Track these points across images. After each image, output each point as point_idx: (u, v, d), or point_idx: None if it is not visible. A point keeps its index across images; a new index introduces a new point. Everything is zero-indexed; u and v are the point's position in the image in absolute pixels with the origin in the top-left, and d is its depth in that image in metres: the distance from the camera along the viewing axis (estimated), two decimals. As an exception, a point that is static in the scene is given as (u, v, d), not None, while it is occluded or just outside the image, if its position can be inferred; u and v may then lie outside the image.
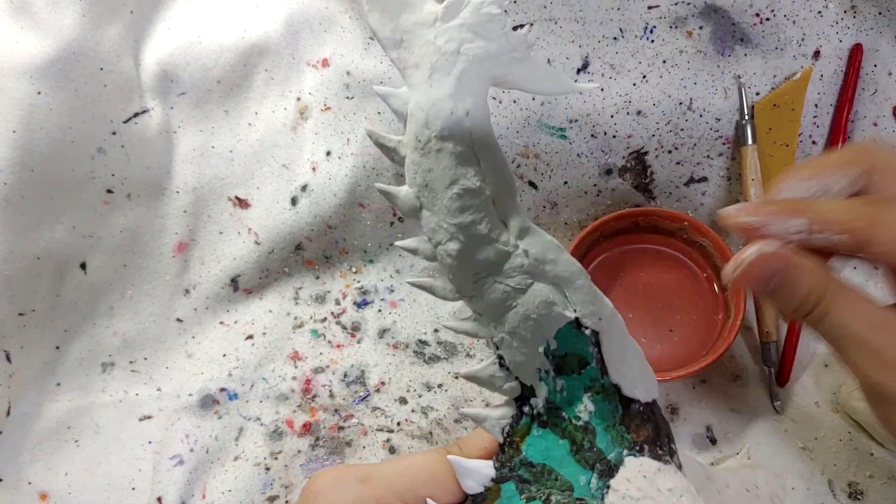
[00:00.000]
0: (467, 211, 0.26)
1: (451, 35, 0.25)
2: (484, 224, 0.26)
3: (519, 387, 0.29)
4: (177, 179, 0.52)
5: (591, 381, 0.28)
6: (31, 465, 0.47)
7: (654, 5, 0.49)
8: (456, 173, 0.26)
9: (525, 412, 0.29)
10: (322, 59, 0.52)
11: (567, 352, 0.28)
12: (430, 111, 0.26)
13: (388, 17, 0.26)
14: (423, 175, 0.27)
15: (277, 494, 0.46)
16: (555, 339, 0.27)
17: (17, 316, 0.47)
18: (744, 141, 0.48)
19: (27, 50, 0.44)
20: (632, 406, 0.28)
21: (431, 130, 0.26)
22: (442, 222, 0.27)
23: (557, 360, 0.28)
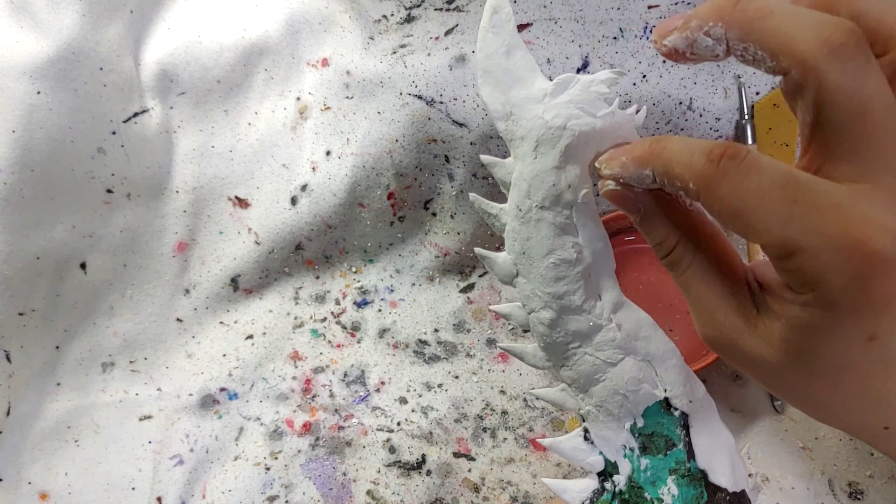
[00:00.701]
0: (562, 281, 0.27)
1: (558, 111, 0.26)
2: (578, 295, 0.27)
3: (602, 461, 0.29)
4: (177, 179, 0.52)
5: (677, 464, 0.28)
6: (31, 465, 0.47)
7: (654, 5, 0.49)
8: (554, 243, 0.27)
9: (607, 488, 0.29)
10: (322, 58, 0.52)
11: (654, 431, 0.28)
12: (532, 182, 0.27)
13: (500, 90, 0.27)
14: (521, 243, 0.28)
15: (277, 494, 0.46)
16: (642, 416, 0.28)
17: (17, 316, 0.47)
18: (744, 141, 0.48)
19: (27, 50, 0.44)
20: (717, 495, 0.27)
21: (533, 200, 0.27)
22: (537, 290, 0.28)
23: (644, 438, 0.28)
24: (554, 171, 0.26)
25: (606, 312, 0.28)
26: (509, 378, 0.49)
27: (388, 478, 0.46)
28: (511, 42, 0.27)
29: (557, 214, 0.27)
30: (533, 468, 0.46)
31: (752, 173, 0.20)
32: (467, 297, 0.52)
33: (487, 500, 0.45)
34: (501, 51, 0.27)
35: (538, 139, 0.26)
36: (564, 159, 0.26)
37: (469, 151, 0.49)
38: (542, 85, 0.27)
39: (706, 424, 0.28)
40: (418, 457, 0.47)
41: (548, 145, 0.26)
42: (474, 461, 0.46)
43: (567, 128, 0.26)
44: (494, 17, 0.27)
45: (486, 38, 0.27)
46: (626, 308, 0.28)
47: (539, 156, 0.27)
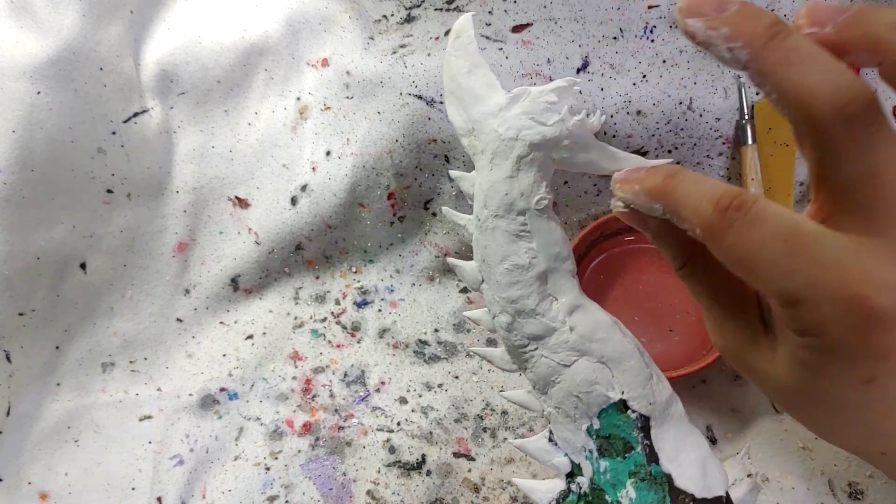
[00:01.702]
0: (516, 285, 0.28)
1: (511, 123, 0.27)
2: (532, 298, 0.28)
3: (569, 463, 0.29)
4: (177, 179, 0.52)
5: (636, 467, 0.28)
6: (31, 465, 0.47)
7: (654, 5, 0.49)
8: (507, 249, 0.28)
9: (572, 489, 0.29)
10: (322, 58, 0.52)
11: (611, 433, 0.28)
12: (488, 192, 0.28)
13: (463, 108, 0.29)
14: (481, 251, 0.29)
15: (277, 494, 0.46)
16: (598, 418, 0.28)
17: (17, 316, 0.47)
18: (744, 141, 0.48)
19: (27, 50, 0.44)
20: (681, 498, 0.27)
21: (489, 210, 0.28)
22: (496, 295, 0.29)
23: (601, 440, 0.28)
24: (507, 181, 0.27)
25: (561, 315, 0.28)
26: (509, 378, 0.49)
27: (388, 478, 0.46)
28: (473, 62, 0.29)
29: (511, 222, 0.28)
30: (533, 468, 0.46)
31: (757, 225, 0.21)
32: (467, 297, 0.52)
33: (487, 500, 0.45)
34: (463, 71, 0.29)
35: (493, 151, 0.28)
36: (516, 168, 0.27)
37: (469, 151, 0.49)
38: (499, 99, 0.28)
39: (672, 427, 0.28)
40: (418, 457, 0.47)
41: (501, 157, 0.27)
42: (474, 461, 0.46)
43: (518, 138, 0.27)
44: (457, 41, 0.29)
45: (450, 61, 0.29)
46: (582, 310, 0.28)
47: (494, 167, 0.28)
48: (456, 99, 0.29)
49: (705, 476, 0.27)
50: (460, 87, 0.29)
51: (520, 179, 0.27)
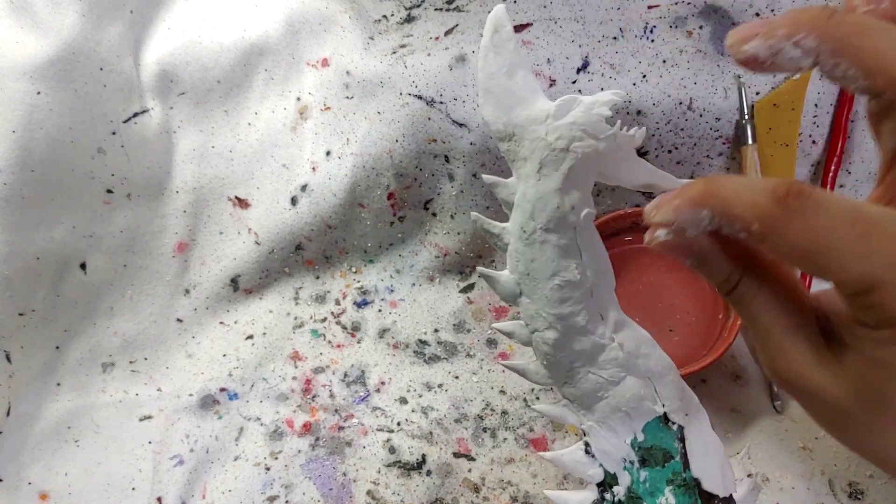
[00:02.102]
0: (567, 302, 0.27)
1: (562, 132, 0.26)
2: (582, 316, 0.28)
3: (602, 473, 0.30)
4: (177, 179, 0.52)
5: (674, 475, 0.29)
6: (31, 465, 0.47)
7: (654, 5, 0.49)
8: (559, 265, 0.27)
9: (606, 498, 0.30)
10: (322, 58, 0.52)
11: (653, 445, 0.29)
12: (536, 203, 0.27)
13: (502, 110, 0.27)
14: (525, 264, 0.28)
15: (277, 494, 0.46)
16: (642, 431, 0.29)
17: (17, 316, 0.47)
18: (744, 140, 0.48)
19: (27, 50, 0.45)
20: (711, 501, 0.28)
21: (537, 222, 0.27)
22: (541, 311, 0.28)
23: (643, 451, 0.29)
24: (558, 194, 0.26)
25: (609, 332, 0.28)
26: (509, 378, 0.49)
27: (388, 478, 0.46)
28: (513, 61, 0.27)
29: (562, 237, 0.27)
30: (533, 468, 0.46)
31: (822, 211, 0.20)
32: (467, 297, 0.52)
33: (487, 500, 0.45)
34: (503, 70, 0.27)
35: (542, 161, 0.26)
36: (568, 182, 0.26)
37: (469, 151, 0.49)
38: (545, 106, 0.27)
39: (699, 435, 0.29)
40: (418, 457, 0.47)
41: (551, 167, 0.26)
42: (474, 461, 0.46)
43: (570, 150, 0.26)
44: (496, 36, 0.27)
45: (488, 58, 0.27)
46: (627, 327, 0.28)
47: (543, 178, 0.26)
48: (494, 99, 0.27)
49: (724, 477, 0.29)
50: (500, 86, 0.27)
51: (571, 193, 0.26)
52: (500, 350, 0.50)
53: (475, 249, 0.52)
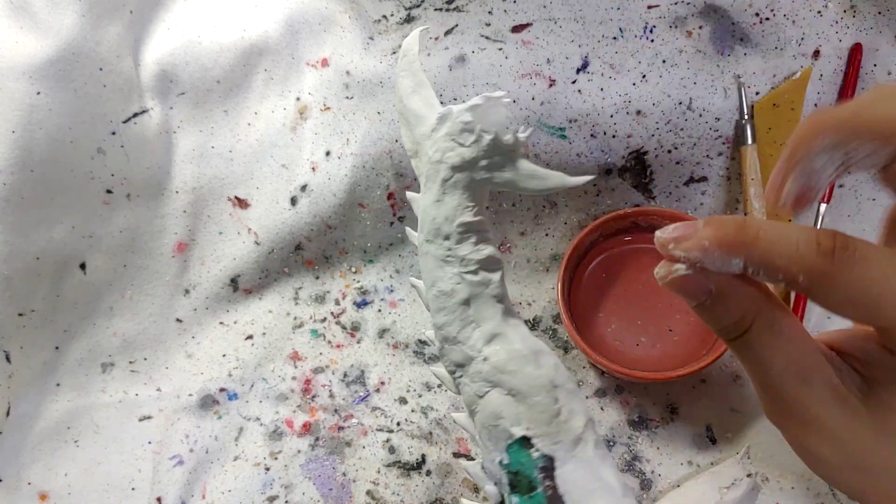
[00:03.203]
0: (442, 312, 0.28)
1: (438, 145, 0.27)
2: (454, 326, 0.28)
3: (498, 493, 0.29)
4: (176, 179, 0.52)
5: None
6: (31, 465, 0.47)
7: (653, 5, 0.49)
8: (435, 275, 0.28)
9: None
10: (322, 58, 0.52)
11: (518, 470, 0.27)
12: (421, 217, 0.28)
13: (408, 129, 0.29)
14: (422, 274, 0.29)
15: (277, 494, 0.46)
16: (506, 452, 0.27)
17: (17, 316, 0.47)
18: (743, 140, 0.48)
19: (27, 50, 0.44)
20: None
21: (422, 235, 0.28)
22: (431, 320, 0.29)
23: (511, 475, 0.27)
24: (434, 205, 0.27)
25: (479, 344, 0.27)
26: (509, 378, 0.49)
27: (388, 478, 0.46)
28: (416, 81, 0.28)
29: (438, 247, 0.27)
30: (533, 468, 0.46)
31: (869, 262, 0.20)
32: (467, 297, 0.52)
33: (487, 501, 0.45)
34: (409, 91, 0.28)
35: (426, 175, 0.27)
36: (441, 192, 0.27)
37: (469, 151, 0.49)
38: (433, 121, 0.27)
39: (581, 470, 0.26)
40: (418, 457, 0.47)
41: (431, 180, 0.27)
42: (474, 461, 0.46)
43: (442, 161, 0.26)
44: (403, 60, 0.29)
45: (398, 82, 0.29)
46: (500, 339, 0.27)
47: (427, 191, 0.28)
48: (403, 119, 0.29)
49: None
50: (406, 108, 0.28)
51: (445, 203, 0.27)
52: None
53: (475, 249, 0.52)
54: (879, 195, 0.50)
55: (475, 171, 0.26)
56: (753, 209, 0.48)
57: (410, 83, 0.28)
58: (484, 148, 0.25)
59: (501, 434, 0.27)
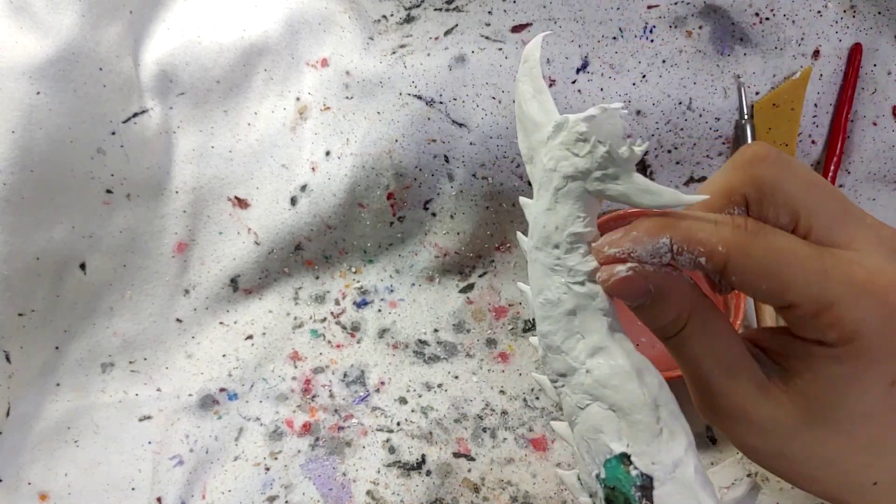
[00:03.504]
0: (547, 321, 0.28)
1: (552, 153, 0.27)
2: (559, 335, 0.28)
3: None
4: (176, 179, 0.52)
5: None
6: (31, 466, 0.47)
7: (653, 5, 0.49)
8: (543, 283, 0.28)
9: None
10: (321, 59, 0.52)
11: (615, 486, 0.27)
12: (532, 224, 0.28)
13: (525, 136, 0.29)
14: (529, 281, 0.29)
15: (277, 494, 0.46)
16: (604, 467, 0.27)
17: (17, 316, 0.47)
18: (743, 140, 0.48)
19: (27, 50, 0.44)
20: None
21: (532, 242, 0.28)
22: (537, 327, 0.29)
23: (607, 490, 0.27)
24: (545, 213, 0.27)
25: (583, 356, 0.27)
26: (509, 378, 0.49)
27: (388, 478, 0.46)
28: (536, 87, 0.28)
29: (547, 255, 0.27)
30: (533, 468, 0.46)
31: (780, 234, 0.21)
32: (467, 297, 0.52)
33: (487, 500, 0.45)
34: (528, 97, 0.28)
35: (540, 182, 0.27)
36: (553, 201, 0.27)
37: (469, 151, 0.49)
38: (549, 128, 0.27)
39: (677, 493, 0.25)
40: (418, 457, 0.47)
41: (544, 188, 0.27)
42: (474, 461, 0.46)
43: (556, 170, 0.27)
44: (524, 66, 0.29)
45: (517, 88, 0.29)
46: (604, 353, 0.27)
47: (539, 198, 0.28)
48: (521, 125, 0.29)
49: None
50: (524, 113, 0.28)
51: (556, 212, 0.27)
52: (499, 350, 0.51)
53: (475, 249, 0.52)
54: (879, 195, 0.51)
55: (588, 182, 0.26)
56: (753, 209, 0.48)
57: (530, 89, 0.28)
58: (598, 159, 0.25)
59: (600, 448, 0.27)
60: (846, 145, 0.49)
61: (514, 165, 0.49)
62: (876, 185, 0.50)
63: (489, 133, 0.48)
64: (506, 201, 0.51)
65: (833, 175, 0.49)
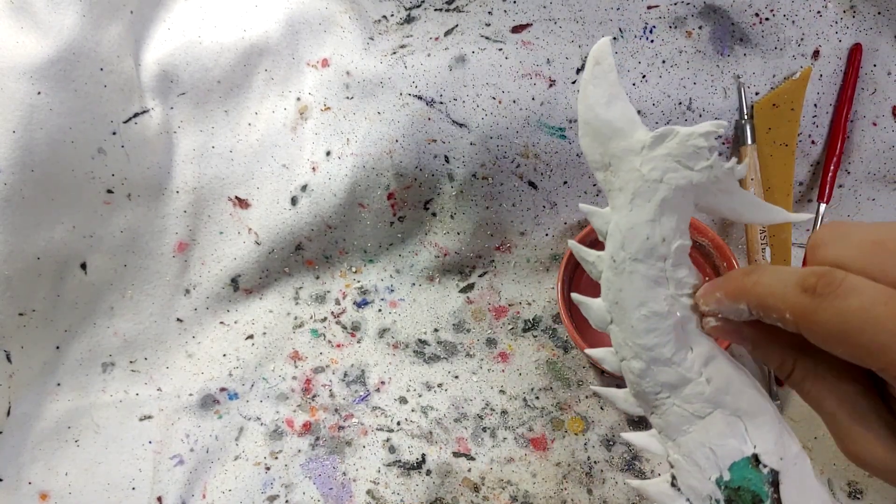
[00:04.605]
0: (653, 333, 0.27)
1: (656, 164, 0.26)
2: (668, 347, 0.27)
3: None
4: (177, 179, 0.52)
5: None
6: (31, 465, 0.47)
7: (653, 5, 0.49)
8: (646, 295, 0.27)
9: None
10: (322, 59, 0.52)
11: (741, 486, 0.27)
12: (627, 234, 0.27)
13: (599, 142, 0.28)
14: (615, 293, 0.28)
15: (277, 494, 0.46)
16: (729, 470, 0.27)
17: (17, 316, 0.47)
18: (743, 141, 0.48)
19: (27, 50, 0.45)
20: None
21: (627, 252, 0.27)
22: (628, 340, 0.28)
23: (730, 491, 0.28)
24: (648, 224, 0.27)
25: (697, 366, 0.27)
26: (509, 378, 0.50)
27: (388, 477, 0.46)
28: (612, 93, 0.28)
29: (650, 267, 0.27)
30: (533, 468, 0.46)
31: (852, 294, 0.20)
32: (467, 297, 0.52)
33: (487, 500, 0.45)
34: (602, 101, 0.28)
35: (634, 192, 0.27)
36: (659, 212, 0.26)
37: (469, 151, 0.49)
38: (642, 137, 0.27)
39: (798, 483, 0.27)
40: (418, 456, 0.47)
41: (643, 198, 0.27)
42: (474, 461, 0.46)
43: (663, 181, 0.26)
44: (596, 68, 0.28)
45: (588, 90, 0.28)
46: (717, 361, 0.28)
47: (635, 208, 0.27)
48: (592, 130, 0.28)
49: None
50: (598, 118, 0.28)
51: (662, 224, 0.26)
52: (499, 350, 0.51)
53: (475, 249, 0.52)
54: (879, 195, 0.51)
55: (699, 196, 0.26)
56: (753, 209, 0.48)
57: (604, 93, 0.28)
58: (718, 174, 0.26)
59: (728, 453, 0.27)
60: (846, 145, 0.49)
61: (514, 166, 0.49)
62: (876, 185, 0.50)
63: (489, 133, 0.48)
64: (506, 201, 0.51)
65: (833, 175, 0.49)
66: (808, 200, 0.51)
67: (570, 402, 0.48)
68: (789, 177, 0.49)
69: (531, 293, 0.52)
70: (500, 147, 0.49)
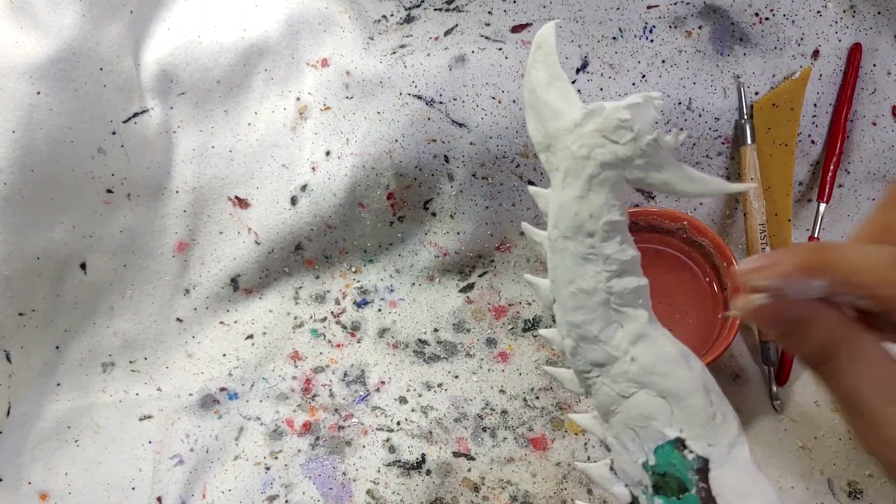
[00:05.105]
0: (580, 310, 0.27)
1: (584, 140, 0.26)
2: (595, 325, 0.27)
3: (629, 494, 0.28)
4: (177, 179, 0.52)
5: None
6: (31, 465, 0.47)
7: (653, 5, 0.49)
8: (574, 273, 0.27)
9: None
10: (322, 59, 0.52)
11: (666, 472, 0.26)
12: (558, 212, 0.27)
13: (541, 123, 0.28)
14: (552, 271, 0.28)
15: (277, 494, 0.46)
16: (654, 454, 0.27)
17: (17, 316, 0.47)
18: (743, 140, 0.48)
19: (27, 50, 0.45)
20: None
21: (559, 230, 0.27)
22: (562, 318, 0.28)
23: (657, 477, 0.27)
24: (577, 201, 0.26)
25: (624, 344, 0.27)
26: (509, 378, 0.50)
27: (388, 477, 0.46)
28: (552, 74, 0.28)
29: (579, 244, 0.27)
30: (533, 468, 0.46)
31: None
32: (467, 296, 0.52)
33: (487, 500, 0.45)
34: (543, 84, 0.28)
35: (566, 170, 0.27)
36: (587, 188, 0.26)
37: (469, 151, 0.49)
38: (575, 116, 0.27)
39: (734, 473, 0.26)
40: (418, 456, 0.47)
41: (573, 175, 0.26)
42: (474, 461, 0.46)
43: (590, 157, 0.26)
44: (538, 52, 0.28)
45: (530, 74, 0.28)
46: (647, 340, 0.27)
47: (566, 186, 0.27)
48: (535, 112, 0.28)
49: None
50: (538, 100, 0.28)
51: (590, 200, 0.26)
52: (499, 350, 0.51)
53: (475, 249, 0.52)
54: (879, 195, 0.51)
55: (628, 170, 0.26)
56: (753, 209, 0.48)
57: (545, 76, 0.28)
58: (643, 147, 0.25)
59: (651, 435, 0.26)
60: (846, 145, 0.49)
61: (513, 165, 0.49)
62: (875, 185, 0.50)
63: (489, 133, 0.48)
64: (506, 201, 0.51)
65: (832, 175, 0.49)
66: (807, 200, 0.51)
67: (570, 402, 0.48)
68: (789, 177, 0.49)
69: (531, 293, 0.52)
70: (499, 147, 0.49)
